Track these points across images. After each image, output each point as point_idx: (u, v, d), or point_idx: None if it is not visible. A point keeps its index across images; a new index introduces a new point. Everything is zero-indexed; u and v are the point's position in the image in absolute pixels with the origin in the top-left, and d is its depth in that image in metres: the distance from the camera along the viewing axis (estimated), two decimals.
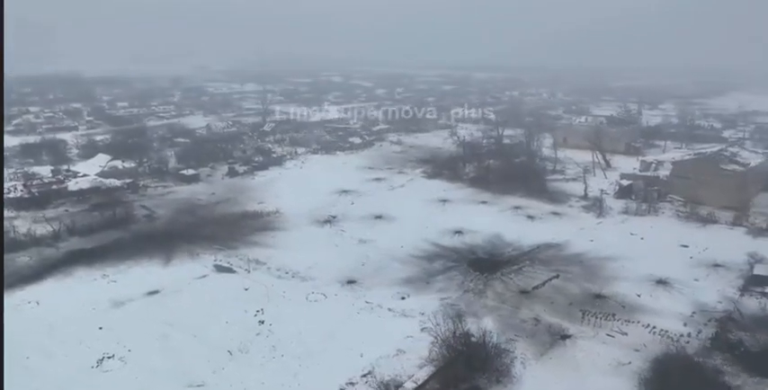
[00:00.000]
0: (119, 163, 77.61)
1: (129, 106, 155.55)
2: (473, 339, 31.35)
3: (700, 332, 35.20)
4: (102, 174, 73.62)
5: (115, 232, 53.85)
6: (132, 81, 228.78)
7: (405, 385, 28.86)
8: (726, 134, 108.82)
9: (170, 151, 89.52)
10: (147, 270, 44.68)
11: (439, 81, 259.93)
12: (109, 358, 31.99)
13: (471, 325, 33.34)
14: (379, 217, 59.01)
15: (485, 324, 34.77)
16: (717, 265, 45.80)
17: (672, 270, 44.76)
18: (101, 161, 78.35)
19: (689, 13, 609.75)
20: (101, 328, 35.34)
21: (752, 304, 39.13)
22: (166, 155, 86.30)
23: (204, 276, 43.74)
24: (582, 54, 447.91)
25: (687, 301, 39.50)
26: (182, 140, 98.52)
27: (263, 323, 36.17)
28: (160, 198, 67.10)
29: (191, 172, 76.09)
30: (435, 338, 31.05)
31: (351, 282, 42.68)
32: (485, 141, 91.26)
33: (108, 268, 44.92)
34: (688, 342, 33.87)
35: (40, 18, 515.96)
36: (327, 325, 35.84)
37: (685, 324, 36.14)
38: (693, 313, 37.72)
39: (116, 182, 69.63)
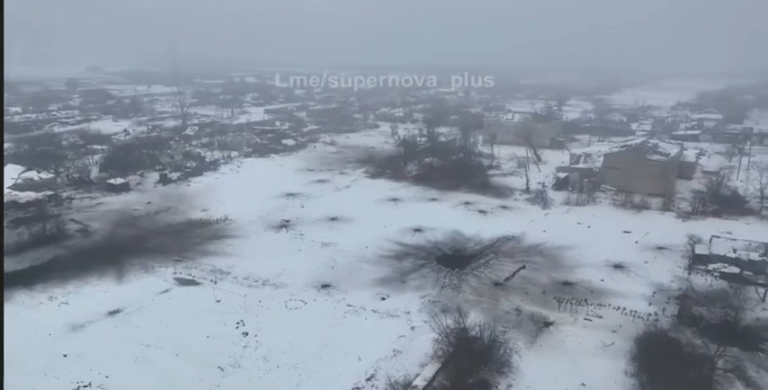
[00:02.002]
0: (34, 175, 70.42)
1: (24, 111, 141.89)
2: (471, 333, 31.79)
3: (664, 309, 38.03)
4: (16, 187, 66.44)
5: (48, 249, 48.85)
6: (19, 84, 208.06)
7: (415, 383, 28.67)
8: (632, 127, 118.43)
9: (89, 159, 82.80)
10: (100, 289, 40.96)
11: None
12: (85, 387, 28.99)
13: (460, 320, 33.74)
14: (334, 219, 58.12)
15: (474, 318, 35.36)
16: (660, 248, 49.67)
17: (623, 254, 47.99)
18: (12, 172, 70.55)
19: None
20: (65, 355, 31.94)
21: (699, 281, 42.87)
22: (86, 163, 79.75)
23: (167, 290, 40.83)
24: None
25: (645, 282, 42.53)
26: (99, 147, 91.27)
27: (246, 334, 34.41)
28: (90, 210, 61.79)
29: (119, 180, 70.67)
30: (440, 334, 31.13)
31: (326, 286, 41.70)
32: (420, 139, 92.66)
33: (53, 289, 40.65)
34: (657, 320, 36.48)
35: None
36: (316, 332, 34.78)
37: (650, 304, 38.90)
38: (654, 293, 40.69)
39: (35, 195, 63.20)
